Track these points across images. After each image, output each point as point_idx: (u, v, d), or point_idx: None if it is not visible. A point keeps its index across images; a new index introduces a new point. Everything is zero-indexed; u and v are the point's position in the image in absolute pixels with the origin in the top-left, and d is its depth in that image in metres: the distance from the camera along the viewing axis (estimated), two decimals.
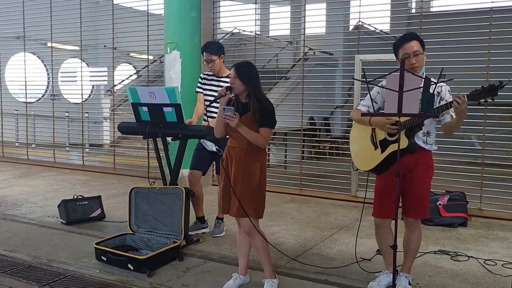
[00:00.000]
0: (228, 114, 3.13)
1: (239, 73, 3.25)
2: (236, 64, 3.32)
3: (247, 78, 3.24)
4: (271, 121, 3.27)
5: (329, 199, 6.49)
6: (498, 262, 3.99)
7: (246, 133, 3.19)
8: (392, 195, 3.06)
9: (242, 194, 3.22)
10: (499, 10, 5.88)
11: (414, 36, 3.13)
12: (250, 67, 3.32)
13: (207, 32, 7.20)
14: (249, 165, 3.24)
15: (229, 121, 3.14)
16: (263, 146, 3.28)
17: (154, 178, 4.41)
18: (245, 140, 3.22)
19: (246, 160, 3.24)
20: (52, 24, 9.26)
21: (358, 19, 7.51)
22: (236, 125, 3.14)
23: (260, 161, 3.30)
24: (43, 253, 4.14)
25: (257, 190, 3.27)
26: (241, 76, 3.24)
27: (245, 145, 3.24)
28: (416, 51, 3.06)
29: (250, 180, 3.23)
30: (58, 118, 10.05)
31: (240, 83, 3.24)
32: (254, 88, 3.26)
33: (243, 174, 3.23)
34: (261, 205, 3.32)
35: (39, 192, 6.64)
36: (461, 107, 2.80)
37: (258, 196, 3.28)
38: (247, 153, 3.25)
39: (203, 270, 3.80)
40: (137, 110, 4.14)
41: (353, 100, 6.56)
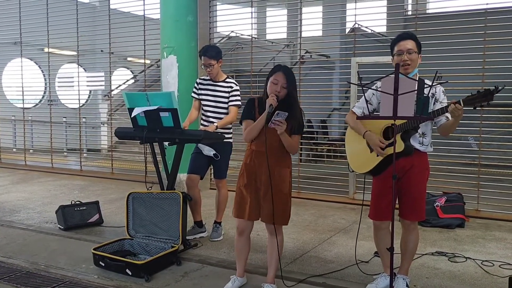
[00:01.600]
0: (279, 119, 3.02)
1: (289, 81, 3.17)
2: (284, 71, 3.18)
3: (294, 85, 3.20)
4: (302, 128, 3.28)
5: (327, 201, 6.50)
6: (496, 263, 4.00)
7: (287, 140, 3.16)
8: (388, 196, 3.08)
9: (274, 200, 3.19)
10: (493, 12, 5.91)
11: (411, 36, 3.17)
12: (293, 74, 3.24)
13: (203, 36, 7.22)
14: (280, 171, 3.23)
15: (278, 126, 3.05)
16: (295, 152, 3.29)
17: (152, 183, 4.42)
18: (276, 146, 3.19)
19: (277, 166, 3.22)
20: (49, 29, 9.27)
21: (354, 22, 7.54)
22: (282, 132, 3.10)
23: (289, 166, 3.31)
24: (41, 259, 4.14)
25: (287, 196, 3.28)
26: (291, 84, 3.17)
27: (275, 151, 3.21)
28: (410, 49, 3.10)
29: (282, 186, 3.23)
30: (56, 124, 10.04)
31: (286, 91, 3.17)
32: (296, 95, 3.25)
33: (275, 179, 3.20)
34: (290, 211, 3.34)
35: (37, 198, 6.64)
36: (459, 112, 2.82)
37: (287, 202, 3.29)
38: (278, 158, 3.23)
39: (201, 275, 3.80)
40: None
41: (349, 103, 6.57)
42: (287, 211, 3.29)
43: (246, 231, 3.40)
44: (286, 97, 3.19)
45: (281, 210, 3.23)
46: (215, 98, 4.58)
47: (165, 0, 6.84)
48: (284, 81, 3.15)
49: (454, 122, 2.97)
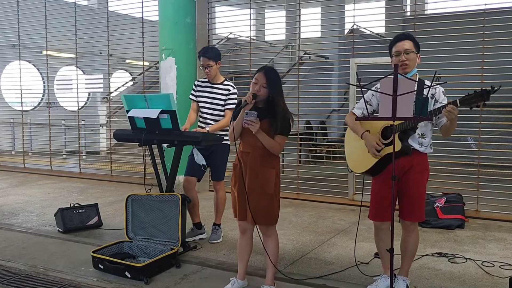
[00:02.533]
0: (250, 119, 3.06)
1: (269, 81, 3.18)
2: (265, 70, 3.22)
3: (276, 86, 3.19)
4: (287, 129, 3.25)
5: (326, 203, 6.49)
6: (496, 264, 4.00)
7: (264, 140, 3.16)
8: (388, 197, 3.07)
9: (258, 201, 3.20)
10: (492, 12, 5.91)
11: (408, 36, 3.19)
12: (277, 73, 3.26)
13: (202, 38, 7.21)
14: (265, 171, 3.23)
15: (251, 126, 3.08)
16: (278, 153, 3.27)
17: (151, 185, 4.41)
18: (260, 146, 3.19)
19: (261, 166, 3.22)
20: (47, 32, 9.26)
21: (353, 23, 7.55)
22: (257, 131, 3.11)
23: (275, 167, 3.29)
24: (39, 262, 4.12)
25: (272, 196, 3.26)
26: (271, 84, 3.18)
27: (260, 151, 3.21)
28: (407, 49, 3.10)
29: (266, 187, 3.22)
30: (55, 126, 10.03)
31: (266, 91, 3.18)
32: (280, 96, 3.22)
33: (259, 180, 3.21)
34: (276, 211, 3.32)
35: (36, 201, 6.62)
36: (454, 114, 2.83)
37: (273, 203, 3.27)
38: (262, 159, 3.23)
39: (200, 277, 3.78)
40: (132, 117, 4.14)
41: (349, 104, 6.57)
42: (272, 212, 3.28)
43: (248, 231, 3.39)
44: (267, 97, 3.21)
45: (265, 211, 3.22)
46: (213, 100, 4.57)
47: (163, 2, 6.83)
48: (264, 81, 3.17)
49: (451, 123, 2.98)
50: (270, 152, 3.21)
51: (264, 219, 3.25)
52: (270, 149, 3.20)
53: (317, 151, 10.34)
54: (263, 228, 3.30)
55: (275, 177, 3.26)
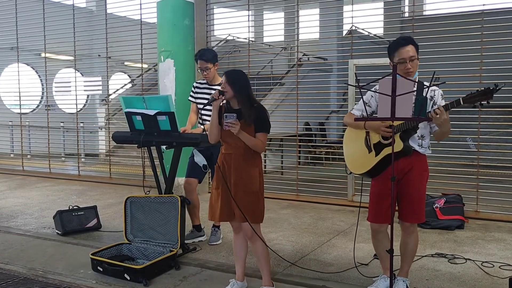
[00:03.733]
0: (230, 121, 3.10)
1: (229, 80, 3.25)
2: (227, 71, 3.33)
3: (238, 85, 3.25)
4: (266, 125, 3.29)
5: (325, 204, 6.49)
6: (496, 264, 3.99)
7: (247, 139, 3.18)
8: (388, 199, 3.06)
9: (244, 200, 3.23)
10: (490, 13, 5.92)
11: (410, 41, 3.11)
12: (241, 74, 3.33)
13: (200, 40, 7.21)
14: (248, 171, 3.25)
15: (231, 128, 3.11)
16: (261, 150, 3.30)
17: (149, 187, 4.41)
18: (242, 146, 3.22)
19: (244, 166, 3.25)
20: (45, 34, 9.26)
21: (351, 24, 7.54)
22: (238, 132, 3.13)
23: (258, 165, 3.32)
24: (38, 264, 4.11)
25: (257, 194, 3.28)
26: (232, 84, 3.24)
27: (242, 151, 3.25)
28: (412, 56, 3.06)
29: (250, 185, 3.25)
30: (53, 129, 10.02)
31: (231, 90, 3.24)
32: (245, 95, 3.26)
33: (243, 179, 3.24)
34: (262, 209, 3.33)
35: (35, 203, 6.61)
36: (440, 119, 2.82)
37: (258, 201, 3.29)
38: (245, 158, 3.26)
39: (200, 279, 3.77)
40: (130, 119, 4.14)
41: (347, 105, 6.56)
42: (258, 209, 3.29)
43: (241, 229, 3.39)
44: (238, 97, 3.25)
45: (251, 209, 3.24)
46: None
47: (162, 4, 6.84)
48: (225, 80, 3.25)
49: (440, 129, 2.96)
50: (252, 151, 3.25)
51: (251, 217, 3.25)
52: (253, 148, 3.23)
53: (316, 153, 10.34)
54: (249, 232, 3.30)
55: (258, 175, 3.29)
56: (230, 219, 3.37)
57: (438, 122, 2.85)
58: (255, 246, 3.35)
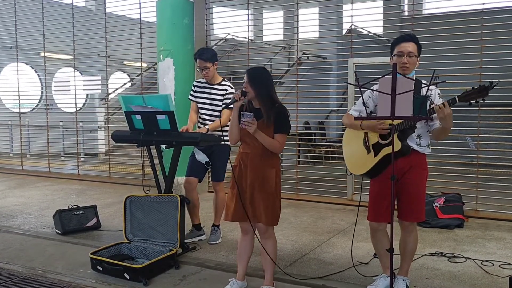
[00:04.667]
0: (246, 120, 3.06)
1: (251, 79, 3.20)
2: (249, 69, 3.27)
3: (260, 85, 3.20)
4: (286, 127, 3.24)
5: (325, 203, 6.49)
6: (495, 263, 3.99)
7: (263, 139, 3.15)
8: (387, 198, 3.06)
9: (260, 200, 3.20)
10: (490, 11, 5.91)
11: (413, 38, 3.15)
12: (263, 72, 3.29)
13: (200, 39, 7.20)
14: (265, 171, 3.22)
15: (248, 127, 3.08)
16: (278, 151, 3.26)
17: (149, 186, 4.40)
18: (259, 146, 3.18)
19: (261, 166, 3.22)
20: (44, 33, 9.25)
21: (351, 23, 7.54)
22: (254, 131, 3.10)
23: (275, 166, 3.27)
24: (38, 264, 4.10)
25: (273, 195, 3.24)
26: (254, 82, 3.19)
27: (259, 151, 3.21)
28: (411, 52, 3.08)
29: (267, 186, 3.21)
30: (53, 128, 10.01)
31: (253, 91, 3.20)
32: (268, 94, 3.22)
33: (259, 180, 3.20)
34: (277, 211, 3.30)
35: (34, 203, 6.60)
36: (444, 112, 2.81)
37: (274, 202, 3.25)
38: (262, 159, 3.22)
39: (199, 278, 3.77)
40: (130, 118, 4.13)
41: (347, 104, 6.56)
42: (274, 211, 3.26)
43: (250, 232, 3.37)
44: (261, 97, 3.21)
45: (266, 211, 3.21)
46: (211, 101, 4.57)
47: (161, 3, 6.83)
48: (247, 79, 3.21)
49: (443, 127, 2.95)
50: (270, 151, 3.20)
51: (268, 219, 3.22)
52: (270, 148, 3.19)
53: (316, 152, 10.34)
54: (263, 229, 3.29)
55: (275, 176, 3.25)
56: (244, 219, 3.30)
57: (442, 115, 2.84)
58: (267, 244, 3.30)
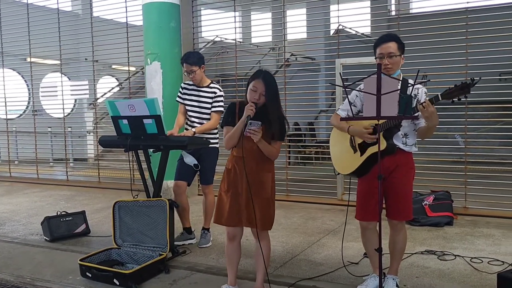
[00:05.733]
0: (253, 128, 2.99)
1: (268, 88, 3.09)
2: (263, 77, 3.10)
3: (274, 93, 3.12)
4: (283, 135, 3.22)
5: (315, 203, 6.50)
6: (484, 260, 4.02)
7: (264, 147, 3.12)
8: (374, 197, 3.07)
9: (256, 205, 3.16)
10: (474, 10, 5.97)
11: (393, 38, 3.13)
12: (274, 79, 3.17)
13: (187, 42, 7.19)
14: (262, 176, 3.19)
15: (253, 135, 3.02)
16: (274, 158, 3.25)
17: (138, 191, 4.38)
18: (256, 150, 3.15)
19: (258, 171, 3.19)
20: (30, 38, 9.18)
21: (338, 23, 7.56)
22: (259, 140, 3.06)
23: (271, 171, 3.26)
24: (26, 272, 4.06)
25: (269, 200, 3.22)
26: (270, 92, 3.09)
27: (255, 155, 3.17)
28: (391, 52, 3.07)
29: (263, 191, 3.19)
30: (41, 134, 9.93)
31: (265, 98, 3.10)
32: (277, 104, 3.17)
33: (255, 184, 3.17)
34: (272, 216, 3.27)
35: (22, 210, 6.54)
36: (428, 111, 2.82)
37: (269, 207, 3.23)
38: (259, 163, 3.19)
39: (190, 282, 3.75)
40: (117, 123, 4.10)
41: (335, 104, 6.58)
42: (268, 216, 3.23)
43: (237, 237, 3.33)
44: (264, 104, 3.13)
45: (262, 215, 3.18)
46: (199, 104, 4.55)
47: (147, 7, 6.80)
48: (263, 89, 3.08)
49: (428, 125, 2.95)
50: (265, 156, 3.18)
51: (263, 224, 3.20)
52: (267, 155, 3.17)
53: (306, 152, 10.36)
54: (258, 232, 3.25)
55: (271, 180, 3.23)
56: (238, 224, 3.25)
57: (426, 114, 2.84)
58: (263, 244, 3.26)
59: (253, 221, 3.18)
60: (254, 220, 3.16)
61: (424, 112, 2.83)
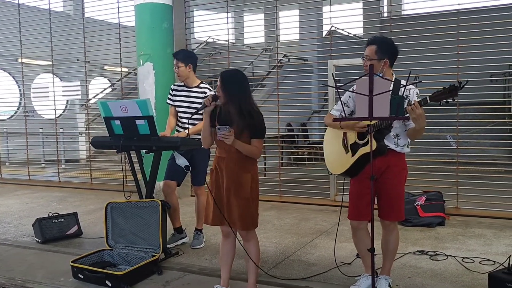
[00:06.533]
0: (223, 133, 3.02)
1: (224, 83, 3.13)
2: (222, 72, 3.20)
3: (232, 90, 3.13)
4: (261, 131, 3.20)
5: (308, 204, 6.50)
6: (476, 260, 4.04)
7: (242, 148, 3.12)
8: (366, 197, 3.08)
9: (235, 205, 3.17)
10: (465, 12, 6.01)
11: (372, 41, 3.17)
12: (236, 76, 3.19)
13: (180, 43, 7.18)
14: (240, 176, 3.18)
15: (225, 139, 3.04)
16: (257, 157, 3.24)
17: (130, 192, 4.36)
18: (235, 151, 3.15)
19: (237, 171, 3.18)
20: (22, 39, 9.12)
21: (331, 25, 7.59)
22: (233, 142, 3.06)
23: (251, 171, 3.23)
24: (17, 274, 4.02)
25: (248, 200, 3.19)
26: (226, 87, 3.12)
27: (235, 156, 3.17)
28: (367, 55, 3.13)
29: (242, 191, 3.18)
30: (32, 135, 9.86)
31: (224, 94, 3.13)
32: (240, 100, 3.14)
33: (235, 184, 3.17)
34: (253, 215, 3.25)
35: (13, 211, 6.49)
36: (415, 112, 2.84)
37: (249, 207, 3.20)
38: (238, 163, 3.18)
39: (183, 283, 3.74)
40: (109, 124, 4.09)
41: (328, 106, 6.60)
42: (248, 216, 3.21)
43: (231, 234, 3.33)
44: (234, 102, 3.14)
45: (240, 215, 3.18)
46: (190, 104, 4.54)
47: (140, 8, 6.78)
48: (219, 86, 3.15)
49: (416, 126, 2.96)
50: (246, 156, 3.18)
51: (242, 224, 3.21)
52: (249, 155, 3.17)
53: (299, 153, 10.37)
54: (243, 233, 3.28)
55: (250, 181, 3.20)
56: (222, 223, 3.28)
57: (413, 116, 2.86)
58: (249, 247, 3.28)
59: (233, 221, 3.20)
60: (234, 220, 3.19)
61: (412, 113, 2.85)
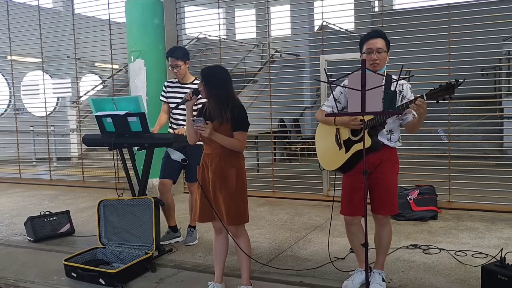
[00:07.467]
0: (198, 125, 3.03)
1: (204, 79, 3.16)
2: (203, 68, 3.23)
3: (213, 85, 3.15)
4: (243, 123, 3.19)
5: (302, 199, 6.51)
6: (468, 253, 4.07)
7: (221, 140, 3.11)
8: (359, 192, 3.09)
9: (221, 201, 3.17)
10: (456, 6, 6.03)
11: (380, 34, 3.16)
12: (217, 72, 3.22)
13: (171, 39, 7.13)
14: (224, 171, 3.17)
15: (202, 132, 3.05)
16: (240, 150, 3.22)
17: (123, 189, 4.34)
18: (219, 146, 3.14)
19: (221, 166, 3.17)
20: (10, 36, 9.02)
21: (322, 19, 7.57)
22: (210, 134, 3.06)
23: (236, 166, 3.20)
24: (9, 273, 3.99)
25: (233, 196, 3.18)
26: (207, 82, 3.15)
27: (219, 151, 3.16)
28: (380, 48, 3.10)
29: (227, 186, 3.17)
30: (22, 133, 9.78)
31: (205, 89, 3.16)
32: (220, 94, 3.16)
33: (220, 180, 3.17)
34: (240, 210, 3.22)
35: (5, 210, 6.44)
36: (423, 108, 2.85)
37: (236, 201, 3.19)
38: (222, 158, 3.17)
39: (177, 280, 3.73)
40: (101, 121, 4.05)
41: (320, 101, 6.60)
42: (236, 211, 3.20)
43: (223, 229, 3.33)
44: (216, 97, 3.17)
45: (228, 211, 3.17)
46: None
47: (130, 4, 6.73)
48: (201, 80, 3.20)
49: (419, 119, 2.99)
50: (230, 150, 3.17)
51: (228, 219, 3.19)
52: (231, 148, 3.15)
53: (292, 149, 10.38)
54: (232, 229, 3.27)
55: (235, 176, 3.19)
56: (210, 219, 3.29)
57: (422, 110, 2.87)
58: (239, 243, 3.28)
59: (221, 216, 3.20)
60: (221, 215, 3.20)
61: (419, 109, 2.85)
